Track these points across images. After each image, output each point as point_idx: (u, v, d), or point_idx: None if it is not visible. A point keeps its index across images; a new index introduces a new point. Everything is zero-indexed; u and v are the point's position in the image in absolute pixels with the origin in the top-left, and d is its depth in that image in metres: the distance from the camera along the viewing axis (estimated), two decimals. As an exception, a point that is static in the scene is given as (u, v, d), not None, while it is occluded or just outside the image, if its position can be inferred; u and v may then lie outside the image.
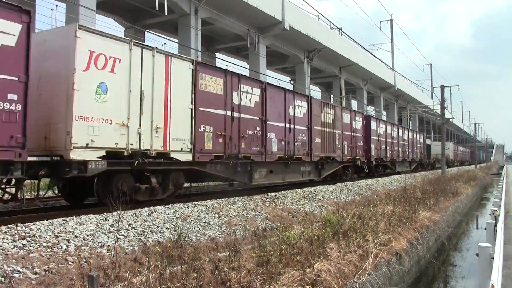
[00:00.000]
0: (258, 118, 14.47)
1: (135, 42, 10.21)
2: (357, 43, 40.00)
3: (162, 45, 22.51)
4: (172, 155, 11.01)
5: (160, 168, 10.84)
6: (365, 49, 43.39)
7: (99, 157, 9.12)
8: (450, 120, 52.09)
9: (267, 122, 14.88)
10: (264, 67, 28.82)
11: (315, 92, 46.50)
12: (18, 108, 7.61)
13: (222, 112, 12.79)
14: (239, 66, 29.11)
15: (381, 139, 28.03)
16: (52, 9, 18.31)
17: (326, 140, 19.29)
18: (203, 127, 12.00)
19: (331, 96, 47.31)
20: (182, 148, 11.28)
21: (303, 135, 17.41)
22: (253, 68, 27.42)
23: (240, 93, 13.57)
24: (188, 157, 11.47)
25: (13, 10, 7.66)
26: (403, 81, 56.22)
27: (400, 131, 33.76)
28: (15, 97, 7.56)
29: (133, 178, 10.29)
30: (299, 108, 17.19)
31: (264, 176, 15.02)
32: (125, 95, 9.78)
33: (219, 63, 29.72)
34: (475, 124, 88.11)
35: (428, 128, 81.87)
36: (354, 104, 49.71)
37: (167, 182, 11.18)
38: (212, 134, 12.29)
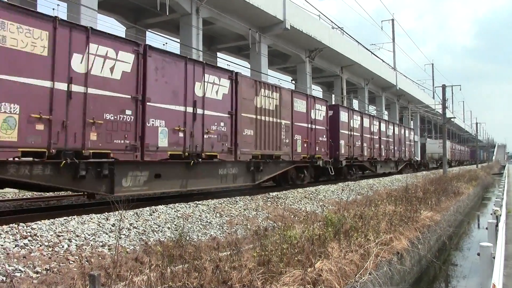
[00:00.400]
0: (128, 96, 9.92)
1: None
2: (358, 42, 39.99)
3: (164, 44, 22.56)
4: None
5: None
6: (367, 49, 43.37)
7: None
8: (452, 119, 51.94)
9: (148, 104, 10.35)
10: (265, 67, 28.81)
11: (317, 91, 46.50)
12: None
13: (45, 83, 8.35)
14: (240, 65, 29.08)
15: (355, 134, 23.25)
16: (53, 9, 18.32)
17: (264, 133, 14.71)
18: None
19: (333, 95, 47.28)
20: None
21: (222, 124, 12.84)
22: (254, 68, 27.42)
23: (88, 57, 9.11)
24: None
25: None
26: (404, 80, 56.16)
27: (383, 125, 28.84)
28: None
29: None
30: (215, 87, 12.62)
31: (144, 182, 10.44)
32: None
33: (220, 63, 29.75)
34: (477, 123, 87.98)
35: (429, 127, 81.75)
36: (355, 103, 49.64)
37: None
38: (18, 118, 7.86)
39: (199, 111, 12.02)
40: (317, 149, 18.36)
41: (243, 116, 13.71)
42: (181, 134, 11.34)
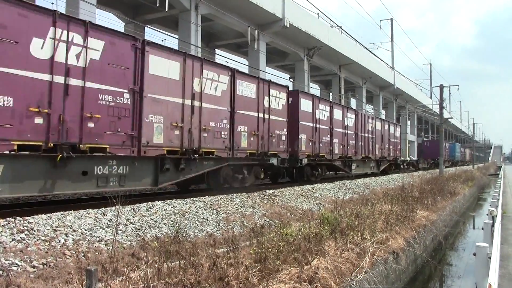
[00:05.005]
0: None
1: None
2: (357, 41, 40.02)
3: (163, 40, 22.53)
4: None
5: None
6: (365, 48, 43.43)
7: None
8: (449, 120, 52.00)
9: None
10: (264, 64, 28.80)
11: (315, 90, 46.50)
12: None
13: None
14: (239, 63, 29.05)
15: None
16: (52, 3, 18.21)
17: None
18: None
19: (330, 94, 47.32)
20: None
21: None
22: (253, 65, 27.40)
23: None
24: None
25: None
26: (402, 80, 56.26)
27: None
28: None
29: None
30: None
31: None
32: None
33: (219, 60, 29.72)
34: (474, 124, 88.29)
35: (426, 127, 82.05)
36: (353, 102, 49.73)
37: None
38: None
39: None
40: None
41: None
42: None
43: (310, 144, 18.50)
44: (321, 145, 19.39)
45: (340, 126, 21.66)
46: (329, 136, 20.40)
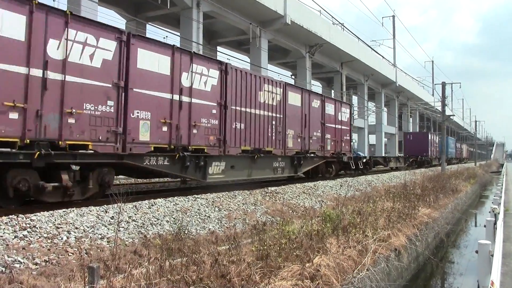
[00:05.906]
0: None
1: None
2: (359, 38, 39.95)
3: (164, 38, 22.51)
4: None
5: None
6: (367, 45, 43.36)
7: None
8: (451, 117, 51.84)
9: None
10: (265, 62, 28.77)
11: (317, 87, 46.42)
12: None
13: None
14: (240, 60, 29.06)
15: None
16: (54, 0, 18.21)
17: None
18: None
19: (332, 91, 47.25)
20: None
21: None
22: (254, 62, 27.38)
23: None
24: None
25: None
26: (404, 77, 56.17)
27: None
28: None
29: None
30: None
31: None
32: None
33: (220, 57, 29.68)
34: (476, 121, 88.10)
35: (428, 124, 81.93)
36: (354, 99, 49.68)
37: None
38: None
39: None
40: None
41: None
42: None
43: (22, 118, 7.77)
44: (69, 120, 8.46)
45: (165, 88, 10.85)
46: (113, 105, 9.38)
